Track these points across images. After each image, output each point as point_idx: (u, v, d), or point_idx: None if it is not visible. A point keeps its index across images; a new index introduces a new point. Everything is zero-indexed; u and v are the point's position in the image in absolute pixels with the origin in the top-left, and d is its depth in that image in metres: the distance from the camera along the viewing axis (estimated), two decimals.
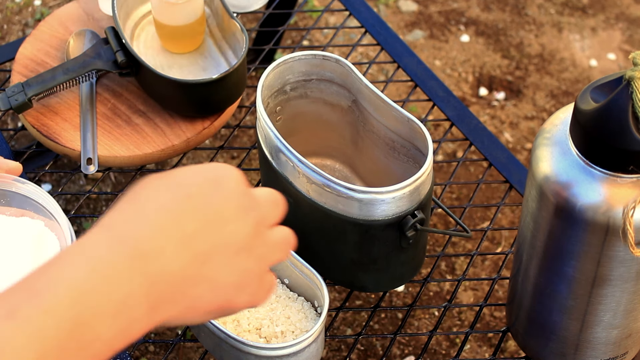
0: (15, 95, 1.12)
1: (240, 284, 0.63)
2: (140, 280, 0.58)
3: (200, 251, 0.61)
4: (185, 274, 0.60)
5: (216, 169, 0.64)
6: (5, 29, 1.92)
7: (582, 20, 1.99)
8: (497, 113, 1.82)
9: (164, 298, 0.60)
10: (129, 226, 0.60)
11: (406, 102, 1.25)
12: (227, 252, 0.62)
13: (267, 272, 0.66)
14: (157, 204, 0.61)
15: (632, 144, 0.76)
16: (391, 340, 1.05)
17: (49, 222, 0.89)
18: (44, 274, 0.57)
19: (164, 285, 0.60)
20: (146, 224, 0.60)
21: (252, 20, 1.88)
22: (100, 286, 0.57)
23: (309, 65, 1.03)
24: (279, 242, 0.67)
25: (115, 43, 1.14)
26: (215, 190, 0.63)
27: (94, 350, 0.57)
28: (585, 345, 0.92)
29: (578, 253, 0.84)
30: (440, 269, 1.56)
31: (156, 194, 0.62)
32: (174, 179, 0.63)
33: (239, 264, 0.63)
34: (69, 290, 0.56)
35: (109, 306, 0.57)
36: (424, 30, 1.97)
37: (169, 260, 0.60)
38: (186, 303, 0.61)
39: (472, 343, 1.50)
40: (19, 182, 0.90)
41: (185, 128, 1.15)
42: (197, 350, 1.44)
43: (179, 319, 0.62)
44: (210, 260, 0.62)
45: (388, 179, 1.04)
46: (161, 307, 0.60)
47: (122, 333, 0.58)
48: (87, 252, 0.58)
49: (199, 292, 0.61)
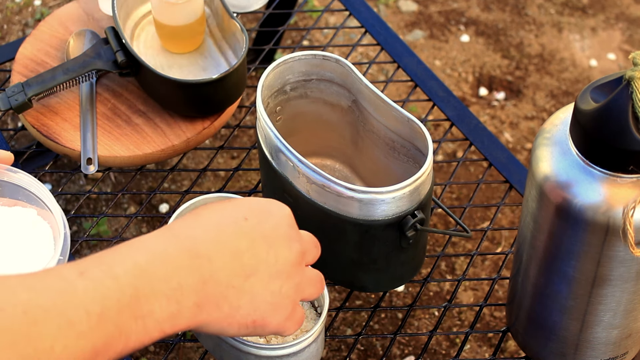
0: (15, 95, 1.12)
1: (276, 305, 0.71)
2: (192, 275, 0.66)
3: (247, 265, 0.69)
4: (231, 283, 0.68)
5: (270, 203, 0.74)
6: (5, 29, 1.92)
7: (582, 20, 1.99)
8: (497, 113, 1.82)
9: (210, 300, 0.67)
10: (189, 230, 0.68)
11: (406, 102, 1.25)
12: (270, 272, 0.70)
13: (299, 304, 0.74)
14: (217, 219, 0.70)
15: (632, 144, 0.76)
16: (391, 340, 1.05)
17: (41, 211, 0.89)
18: (111, 253, 0.64)
19: (211, 287, 0.67)
20: (204, 232, 0.69)
21: (252, 20, 1.88)
22: (159, 270, 0.64)
23: (309, 65, 1.03)
24: (314, 279, 0.76)
25: (115, 43, 1.14)
26: (267, 218, 0.72)
27: (147, 324, 0.63)
28: (585, 345, 0.92)
29: (578, 253, 0.84)
30: (440, 269, 1.56)
31: (216, 212, 0.71)
32: (234, 204, 0.72)
33: (279, 286, 0.71)
34: (132, 266, 0.63)
35: (164, 288, 0.64)
36: (424, 30, 1.97)
37: (219, 266, 0.68)
38: (227, 310, 0.68)
39: (472, 343, 1.50)
40: (11, 171, 0.90)
41: (185, 128, 1.15)
42: (197, 350, 1.44)
43: (217, 325, 0.69)
44: (255, 275, 0.69)
45: (388, 179, 1.04)
46: (206, 307, 0.67)
47: (171, 318, 0.64)
48: (148, 244, 0.66)
49: (240, 303, 0.69)
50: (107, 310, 0.61)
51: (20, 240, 0.87)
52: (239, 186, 1.65)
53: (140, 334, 0.63)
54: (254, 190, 1.15)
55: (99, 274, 0.62)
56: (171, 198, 1.62)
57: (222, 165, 1.69)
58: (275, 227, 0.72)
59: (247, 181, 1.66)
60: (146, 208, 1.59)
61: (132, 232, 1.59)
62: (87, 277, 0.61)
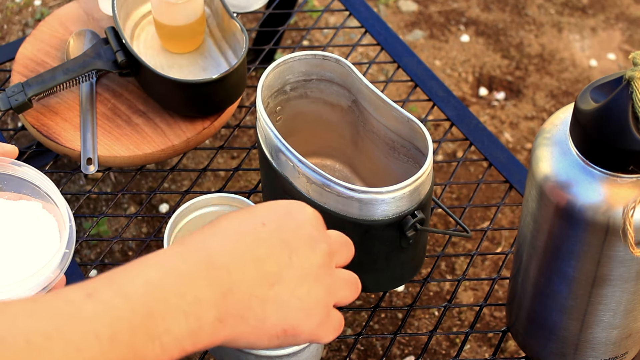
0: (15, 95, 1.12)
1: (307, 311, 0.67)
2: (210, 289, 0.62)
3: (269, 273, 0.65)
4: (254, 293, 0.64)
5: (290, 204, 0.70)
6: (5, 29, 1.92)
7: (582, 20, 1.99)
8: (497, 113, 1.82)
9: (233, 312, 0.63)
10: (204, 243, 0.65)
11: (406, 102, 1.25)
12: (295, 277, 0.66)
13: (335, 309, 0.70)
14: (233, 228, 0.66)
15: (632, 144, 0.76)
16: (391, 340, 1.05)
17: (46, 204, 0.89)
18: (121, 272, 0.61)
19: (232, 299, 0.63)
20: (220, 243, 0.65)
21: (252, 20, 1.88)
22: (173, 286, 0.61)
23: (309, 65, 1.03)
24: (347, 280, 0.71)
25: (115, 43, 1.14)
26: (287, 221, 0.68)
27: (164, 344, 0.59)
28: (585, 345, 0.92)
29: (578, 253, 0.84)
30: (440, 269, 1.56)
31: (233, 221, 0.67)
32: (251, 210, 0.69)
33: (306, 290, 0.67)
34: (144, 284, 0.60)
35: (180, 303, 0.60)
36: (424, 30, 1.97)
37: (239, 277, 0.64)
38: (253, 322, 0.64)
39: (472, 343, 1.50)
40: (15, 164, 0.90)
41: (185, 128, 1.15)
42: None
43: (244, 340, 0.65)
44: (279, 283, 0.65)
45: (388, 179, 1.04)
46: (229, 321, 0.63)
47: (190, 334, 0.61)
48: (162, 260, 0.63)
49: (266, 313, 0.65)
50: (119, 333, 0.57)
51: (25, 233, 0.87)
52: (239, 186, 1.65)
53: (158, 355, 0.59)
54: (254, 190, 1.15)
55: (108, 294, 0.58)
56: (171, 198, 1.62)
57: (222, 165, 1.69)
58: (296, 229, 0.68)
59: (247, 181, 1.66)
60: (146, 208, 1.59)
61: (132, 232, 1.59)
62: (95, 299, 0.58)
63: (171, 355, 0.60)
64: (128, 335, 0.58)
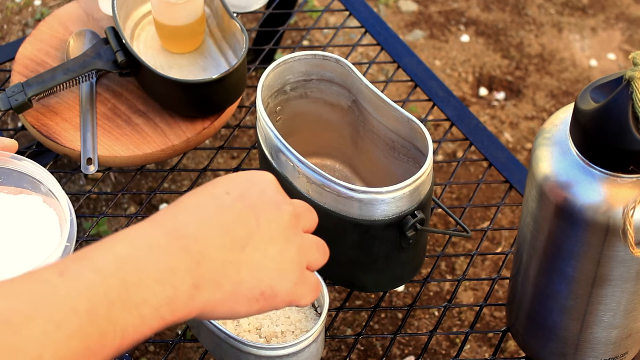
0: (15, 95, 1.12)
1: (281, 270, 0.68)
2: (181, 257, 0.63)
3: (238, 238, 0.66)
4: (226, 258, 0.65)
5: (250, 173, 0.71)
6: (5, 29, 1.92)
7: (582, 20, 1.99)
8: (497, 113, 1.82)
9: (207, 278, 0.63)
10: (170, 218, 0.65)
11: (406, 102, 1.25)
12: (264, 238, 0.67)
13: (309, 271, 0.70)
14: (197, 202, 0.67)
15: (632, 144, 0.76)
16: (391, 340, 1.05)
17: (46, 197, 0.89)
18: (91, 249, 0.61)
19: (205, 266, 0.63)
20: (186, 216, 0.65)
21: (252, 20, 1.88)
22: (144, 257, 0.61)
23: (309, 65, 1.03)
24: (316, 243, 0.72)
25: (115, 43, 1.14)
26: (250, 187, 0.69)
27: (143, 314, 0.60)
28: (585, 345, 0.92)
29: (578, 253, 0.84)
30: (440, 269, 1.56)
31: (197, 196, 0.68)
32: (213, 183, 0.69)
33: (278, 251, 0.68)
34: (115, 258, 0.60)
35: (154, 273, 0.61)
36: (424, 30, 1.97)
37: (208, 244, 0.64)
38: (229, 287, 0.65)
39: (472, 343, 1.50)
40: (15, 159, 0.89)
41: (185, 128, 1.15)
42: (197, 350, 1.44)
43: (224, 307, 0.65)
44: (250, 246, 0.66)
45: (388, 179, 1.04)
46: (205, 287, 0.63)
47: (168, 302, 0.61)
48: (130, 235, 0.63)
49: (241, 276, 0.65)
50: (96, 307, 0.58)
51: (26, 227, 0.87)
52: None
53: (138, 326, 0.60)
54: None
55: (82, 271, 0.59)
56: (171, 198, 1.62)
57: (222, 165, 1.69)
58: (260, 194, 0.69)
59: None
60: (146, 208, 1.59)
61: None
62: (68, 275, 0.58)
63: (151, 325, 0.60)
64: (105, 308, 0.58)
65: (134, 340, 0.60)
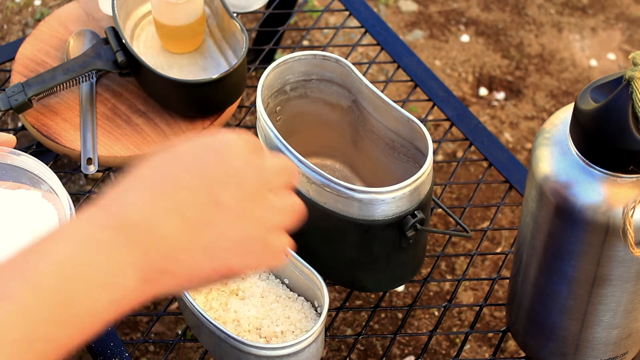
0: (15, 95, 1.12)
1: (238, 249, 0.63)
2: (129, 251, 0.58)
3: (191, 218, 0.60)
4: (179, 245, 0.60)
5: (215, 140, 0.64)
6: (5, 29, 1.92)
7: (582, 20, 1.99)
8: (497, 113, 1.82)
9: (158, 268, 0.59)
10: (119, 200, 0.60)
11: (406, 102, 1.25)
12: (220, 217, 0.62)
13: (274, 235, 0.64)
14: (151, 177, 0.61)
15: (632, 144, 0.76)
16: (391, 340, 1.05)
17: (46, 193, 0.89)
18: (33, 251, 0.57)
19: (156, 256, 0.59)
20: (137, 196, 0.60)
21: (252, 20, 1.88)
22: (87, 258, 0.57)
23: (309, 65, 1.03)
24: (283, 207, 0.66)
25: (115, 43, 1.14)
26: (209, 158, 0.62)
27: (87, 321, 0.56)
28: (585, 345, 0.92)
29: (578, 253, 0.84)
30: (440, 269, 1.56)
31: (152, 169, 0.62)
32: (172, 153, 0.63)
33: (234, 229, 0.62)
34: (54, 265, 0.56)
35: (97, 276, 0.57)
36: (424, 30, 1.97)
37: (159, 229, 0.59)
38: (182, 272, 0.60)
39: (472, 343, 1.50)
40: (14, 154, 0.89)
41: (185, 128, 1.15)
42: (197, 350, 1.44)
43: (176, 288, 0.61)
44: (205, 227, 0.61)
45: (388, 179, 1.04)
46: (155, 279, 0.59)
47: (114, 304, 0.57)
48: (73, 230, 0.58)
49: (194, 261, 0.61)
50: (34, 331, 0.54)
51: (25, 223, 0.87)
52: None
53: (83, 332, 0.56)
54: None
55: (19, 289, 0.54)
56: None
57: None
58: (218, 164, 0.62)
59: None
60: None
61: None
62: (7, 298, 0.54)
63: (97, 327, 0.57)
64: (44, 330, 0.55)
65: (81, 342, 0.57)
